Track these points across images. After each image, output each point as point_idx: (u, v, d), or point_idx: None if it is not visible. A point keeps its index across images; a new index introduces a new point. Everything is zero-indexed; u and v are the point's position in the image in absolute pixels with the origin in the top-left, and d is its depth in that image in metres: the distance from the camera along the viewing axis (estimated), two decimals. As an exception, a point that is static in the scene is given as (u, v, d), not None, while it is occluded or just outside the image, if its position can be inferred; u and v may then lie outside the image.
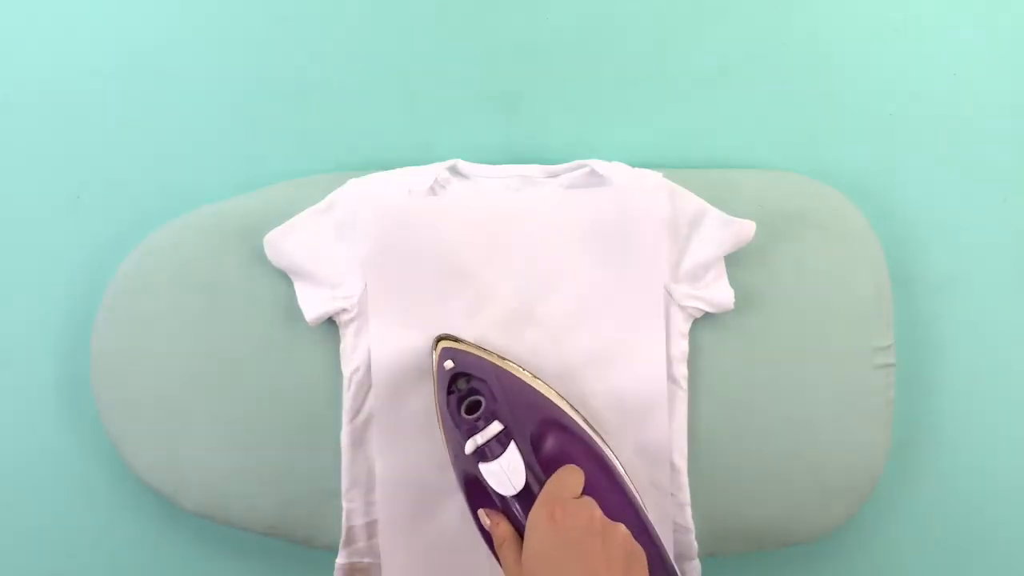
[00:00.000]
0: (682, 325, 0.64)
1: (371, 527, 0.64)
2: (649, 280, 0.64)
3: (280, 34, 0.71)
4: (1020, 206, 0.72)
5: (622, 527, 0.49)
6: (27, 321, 0.70)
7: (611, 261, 0.64)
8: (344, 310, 0.63)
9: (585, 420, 0.59)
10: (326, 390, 0.65)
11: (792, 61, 0.72)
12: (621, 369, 0.63)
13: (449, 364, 0.58)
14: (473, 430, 0.55)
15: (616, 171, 0.65)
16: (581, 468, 0.53)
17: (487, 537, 0.55)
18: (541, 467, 0.53)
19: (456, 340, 0.61)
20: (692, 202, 0.66)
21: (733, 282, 0.65)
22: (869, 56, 0.72)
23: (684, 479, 0.64)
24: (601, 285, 0.64)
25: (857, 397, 0.66)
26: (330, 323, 0.65)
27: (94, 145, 0.71)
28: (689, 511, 0.64)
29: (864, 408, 0.66)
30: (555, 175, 0.67)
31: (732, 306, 0.65)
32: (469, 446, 0.54)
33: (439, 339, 0.61)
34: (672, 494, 0.63)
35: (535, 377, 0.60)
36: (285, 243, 0.64)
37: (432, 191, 0.66)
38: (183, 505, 0.66)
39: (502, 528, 0.52)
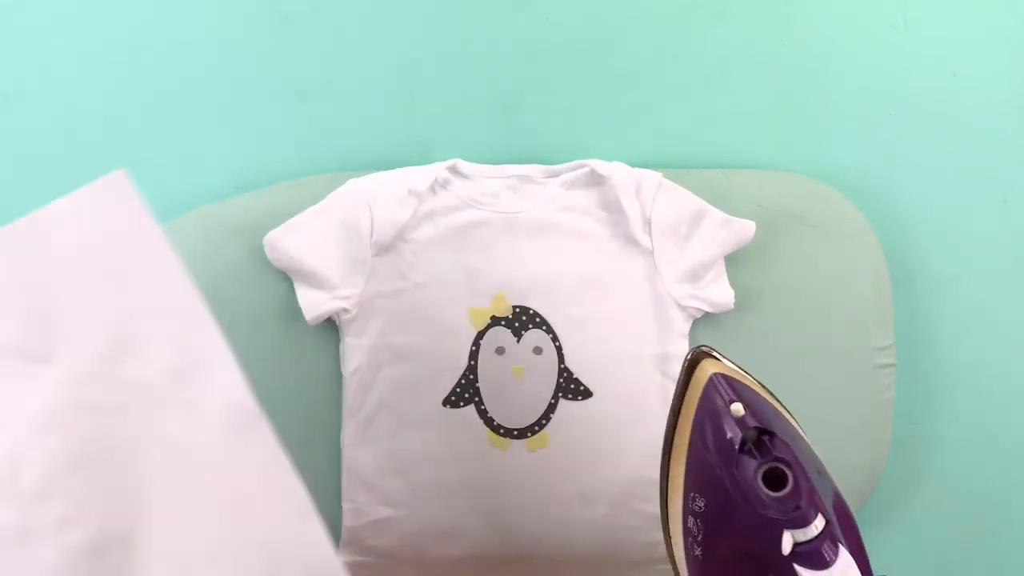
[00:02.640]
0: (682, 325, 0.64)
1: (371, 527, 0.64)
2: (646, 279, 0.64)
3: (280, 34, 0.71)
4: (1020, 206, 0.72)
5: None
6: (27, 321, 0.70)
7: (609, 258, 0.65)
8: (344, 310, 0.64)
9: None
10: (326, 390, 0.65)
11: (792, 61, 0.72)
12: (618, 368, 0.64)
13: (739, 409, 0.40)
14: (784, 518, 0.39)
15: (616, 171, 0.65)
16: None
17: None
18: None
19: (719, 358, 0.44)
20: (692, 202, 0.66)
21: (733, 282, 0.65)
22: (869, 56, 0.72)
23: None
24: (600, 284, 0.64)
25: (857, 397, 0.66)
26: (330, 323, 0.65)
27: (94, 145, 0.71)
28: (689, 511, 0.64)
29: (864, 408, 0.66)
30: (555, 175, 0.67)
31: (732, 306, 0.65)
32: (787, 543, 0.38)
33: (701, 353, 0.43)
34: None
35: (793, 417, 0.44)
36: (285, 243, 0.64)
37: (432, 191, 0.66)
38: (183, 505, 0.66)
39: None
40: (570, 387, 0.64)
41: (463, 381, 0.64)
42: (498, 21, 0.71)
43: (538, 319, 0.64)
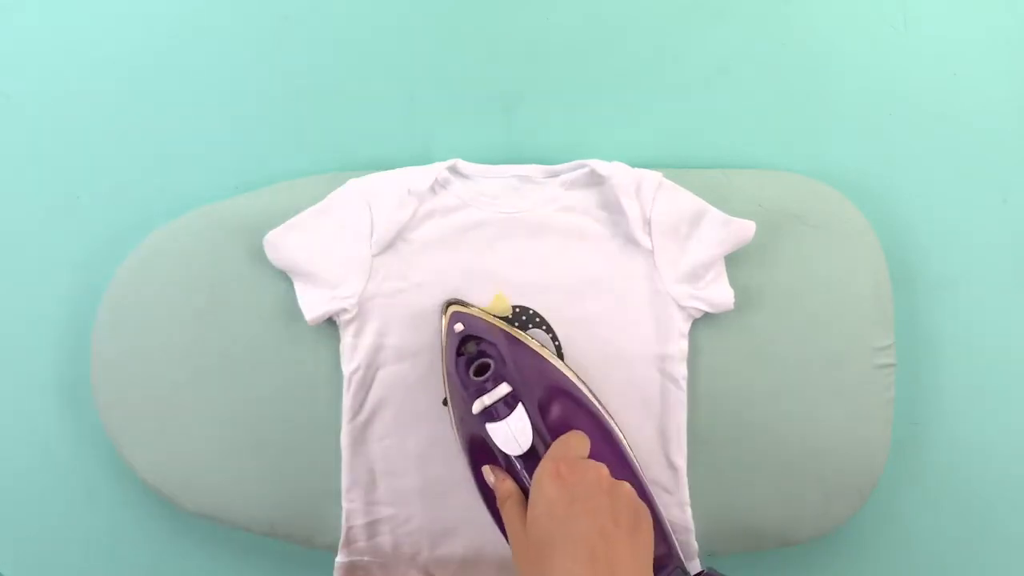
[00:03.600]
0: (682, 325, 0.64)
1: (371, 527, 0.64)
2: (646, 279, 0.64)
3: (280, 34, 0.71)
4: (1020, 206, 0.72)
5: (627, 485, 0.50)
6: (27, 321, 0.70)
7: (609, 258, 0.65)
8: (344, 310, 0.64)
9: (591, 391, 0.60)
10: (326, 390, 0.65)
11: (792, 61, 0.72)
12: (618, 368, 0.64)
13: (459, 327, 0.59)
14: (481, 391, 0.56)
15: (616, 171, 0.65)
16: (587, 435, 0.54)
17: (488, 496, 0.57)
18: (548, 431, 0.55)
19: (466, 305, 0.62)
20: (692, 202, 0.66)
21: (733, 282, 0.65)
22: (869, 56, 0.72)
23: (684, 479, 0.64)
24: (600, 284, 0.65)
25: (857, 397, 0.66)
26: (330, 323, 0.65)
27: (94, 145, 0.71)
28: (689, 511, 0.64)
29: (864, 408, 0.66)
30: (555, 175, 0.67)
31: (732, 306, 0.65)
32: (476, 406, 0.55)
33: (449, 303, 0.62)
34: (669, 492, 0.63)
35: (542, 346, 0.61)
36: (285, 243, 0.64)
37: (432, 191, 0.66)
38: (183, 505, 0.66)
39: (507, 485, 0.54)
40: (570, 387, 0.64)
41: (463, 381, 0.64)
42: (498, 21, 0.71)
43: (538, 319, 0.64)
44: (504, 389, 0.55)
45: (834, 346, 0.66)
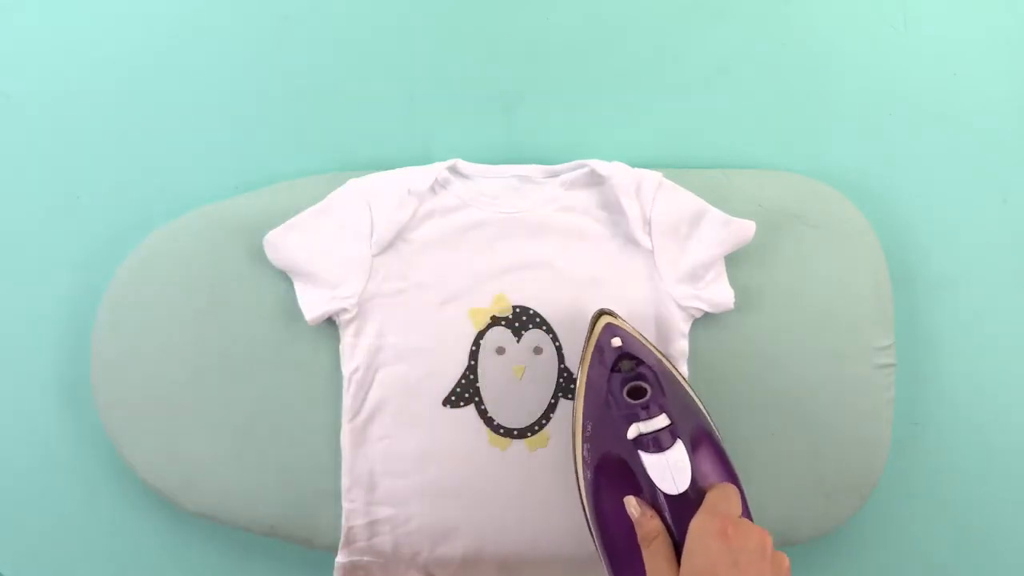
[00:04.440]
0: (682, 325, 0.64)
1: (371, 527, 0.64)
2: (646, 279, 0.64)
3: (280, 35, 0.71)
4: (1020, 206, 0.72)
5: (787, 559, 0.48)
6: (27, 321, 0.70)
7: (609, 258, 0.65)
8: (344, 310, 0.64)
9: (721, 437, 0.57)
10: (326, 390, 0.65)
11: (792, 61, 0.72)
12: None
13: (617, 342, 0.56)
14: (635, 416, 0.52)
15: (616, 171, 0.65)
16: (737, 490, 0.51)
17: (602, 519, 0.54)
18: (699, 477, 0.51)
19: (616, 316, 0.59)
20: (692, 202, 0.66)
21: (733, 282, 0.65)
22: (869, 56, 0.72)
23: (684, 479, 0.64)
24: (600, 284, 0.65)
25: (857, 397, 0.66)
26: (330, 323, 0.65)
27: (94, 145, 0.71)
28: (689, 511, 0.64)
29: (864, 408, 0.66)
30: (555, 175, 0.67)
31: (732, 306, 0.65)
32: (632, 431, 0.52)
33: (601, 312, 0.59)
34: None
35: (687, 380, 0.58)
36: (285, 243, 0.64)
37: (432, 191, 0.66)
38: (183, 505, 0.66)
39: (655, 524, 0.50)
40: (570, 387, 0.64)
41: (463, 381, 0.64)
42: (498, 21, 0.71)
43: (538, 319, 0.64)
44: (663, 421, 0.52)
45: (834, 346, 0.66)
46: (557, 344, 0.64)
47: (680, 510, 0.50)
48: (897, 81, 0.72)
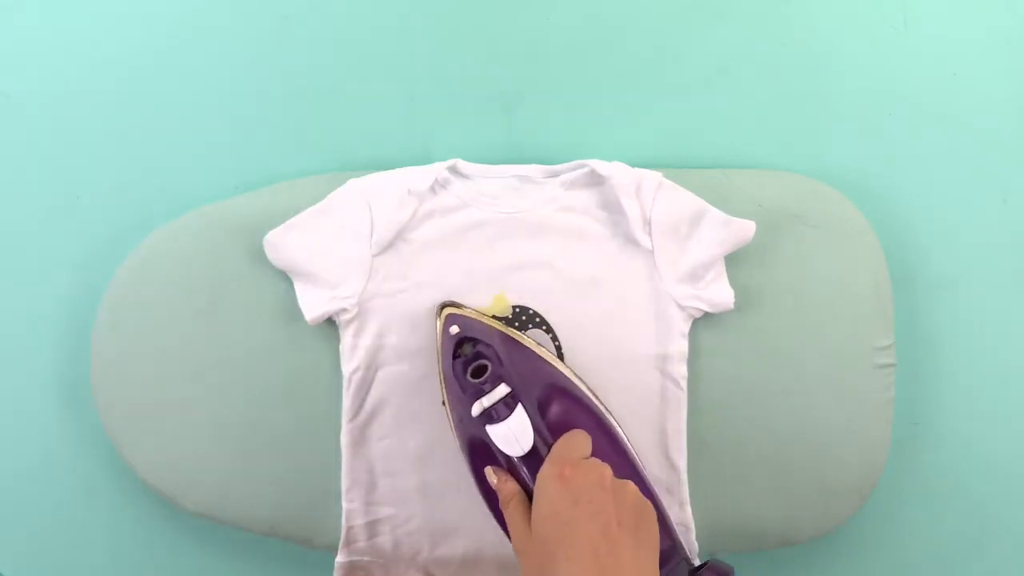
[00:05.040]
0: (682, 325, 0.64)
1: (371, 527, 0.64)
2: (646, 279, 0.64)
3: (280, 34, 0.71)
4: (1020, 206, 0.72)
5: (631, 484, 0.51)
6: (27, 321, 0.70)
7: (609, 258, 0.65)
8: (344, 310, 0.64)
9: (589, 389, 0.60)
10: (326, 390, 0.65)
11: (792, 61, 0.72)
12: (618, 368, 0.64)
13: (455, 329, 0.59)
14: (479, 393, 0.55)
15: (616, 171, 0.65)
16: (588, 434, 0.54)
17: (490, 497, 0.56)
18: (548, 431, 0.55)
19: (460, 306, 0.62)
20: (692, 202, 0.66)
21: (733, 282, 0.65)
22: (869, 56, 0.72)
23: (684, 478, 0.64)
24: (600, 284, 0.65)
25: (857, 397, 0.66)
26: (330, 323, 0.65)
27: (94, 145, 0.71)
28: (689, 510, 0.64)
29: (864, 408, 0.66)
30: (555, 175, 0.67)
31: (732, 306, 0.65)
32: (476, 408, 0.55)
33: (443, 306, 0.62)
34: (670, 491, 0.63)
35: (539, 345, 0.60)
36: (285, 243, 0.64)
37: (432, 191, 0.66)
38: (183, 505, 0.66)
39: (510, 486, 0.53)
40: (570, 387, 0.64)
41: (463, 381, 0.64)
42: (498, 21, 0.71)
43: (538, 319, 0.64)
44: (503, 390, 0.55)
45: (834, 346, 0.66)
46: (557, 344, 0.64)
47: (533, 468, 0.53)
48: (897, 81, 0.72)
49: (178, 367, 0.66)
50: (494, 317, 0.64)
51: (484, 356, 0.58)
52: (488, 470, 0.56)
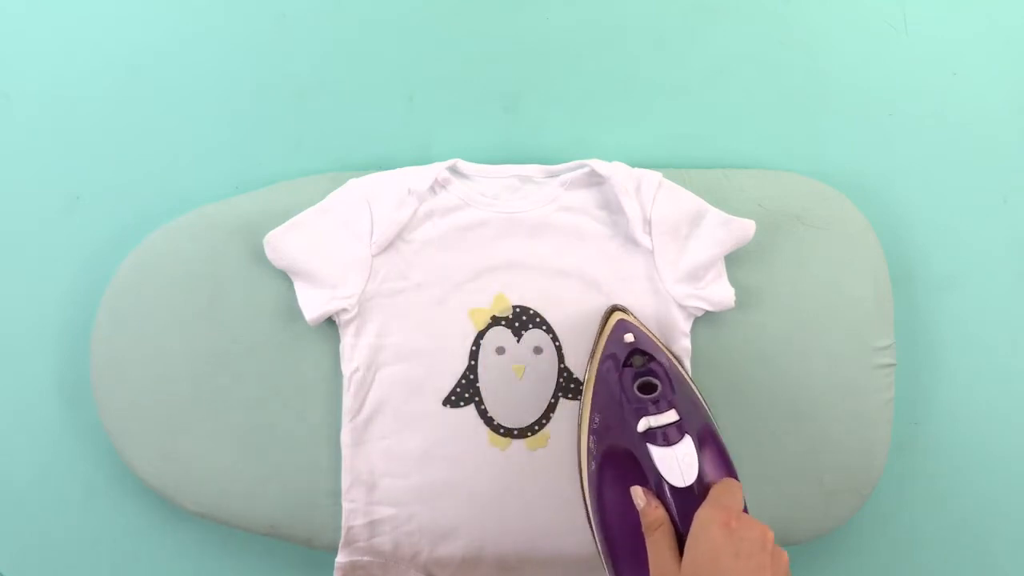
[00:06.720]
0: (683, 324, 0.64)
1: (371, 527, 0.64)
2: (646, 278, 0.65)
3: (280, 35, 0.71)
4: (1020, 207, 0.72)
5: (786, 556, 0.49)
6: (27, 321, 0.70)
7: (609, 258, 0.65)
8: (344, 310, 0.64)
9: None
10: (326, 390, 0.65)
11: (792, 61, 0.72)
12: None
13: (630, 337, 0.58)
14: (645, 410, 0.53)
15: (616, 171, 0.65)
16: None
17: (604, 507, 0.55)
18: (704, 473, 0.52)
19: (628, 313, 0.62)
20: (692, 202, 0.66)
21: (733, 282, 0.65)
22: (869, 56, 0.72)
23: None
24: (600, 284, 0.65)
25: (857, 397, 0.66)
26: (330, 323, 0.65)
27: (94, 145, 0.71)
28: (689, 511, 0.64)
29: (864, 408, 0.66)
30: (555, 175, 0.67)
31: (733, 305, 0.65)
32: (642, 424, 0.53)
33: (614, 308, 0.62)
34: None
35: (694, 381, 0.59)
36: (285, 243, 0.64)
37: (432, 191, 0.66)
38: (183, 505, 0.66)
39: (659, 513, 0.51)
40: (570, 386, 0.64)
41: (463, 381, 0.64)
42: (498, 21, 0.71)
43: (538, 319, 0.64)
44: (672, 416, 0.53)
45: (834, 346, 0.66)
46: (557, 344, 0.64)
47: (685, 503, 0.51)
48: (897, 81, 0.72)
49: (178, 367, 0.66)
50: (494, 317, 0.64)
51: (654, 374, 0.56)
52: (637, 490, 0.53)
